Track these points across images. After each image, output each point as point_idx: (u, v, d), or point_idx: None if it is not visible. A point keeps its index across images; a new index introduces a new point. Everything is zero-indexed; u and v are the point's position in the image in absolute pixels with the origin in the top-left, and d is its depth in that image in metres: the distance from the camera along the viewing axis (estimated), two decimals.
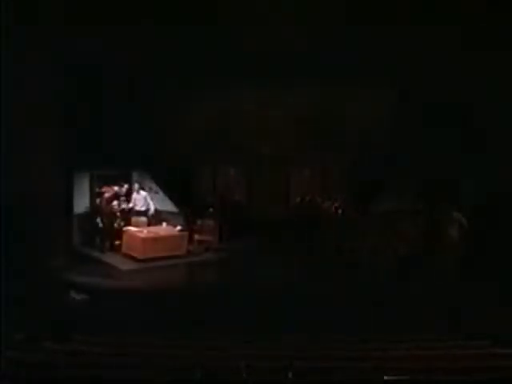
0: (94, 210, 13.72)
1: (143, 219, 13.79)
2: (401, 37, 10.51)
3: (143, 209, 13.92)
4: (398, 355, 6.63)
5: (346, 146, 13.98)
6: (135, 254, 12.77)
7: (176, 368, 6.05)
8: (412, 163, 12.60)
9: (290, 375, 5.67)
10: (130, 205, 13.93)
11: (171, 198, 14.55)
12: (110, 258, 12.96)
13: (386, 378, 5.78)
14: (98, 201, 13.82)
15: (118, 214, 13.67)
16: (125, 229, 13.37)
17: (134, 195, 14.00)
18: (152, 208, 13.97)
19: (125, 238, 13.23)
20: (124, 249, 13.16)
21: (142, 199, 13.94)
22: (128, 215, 13.84)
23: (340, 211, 14.43)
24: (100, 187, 13.90)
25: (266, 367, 5.98)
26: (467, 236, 11.79)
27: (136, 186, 14.07)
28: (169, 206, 14.57)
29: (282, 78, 12.29)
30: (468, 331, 7.78)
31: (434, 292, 10.24)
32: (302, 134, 14.08)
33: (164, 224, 13.81)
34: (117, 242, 13.44)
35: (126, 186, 14.16)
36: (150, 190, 14.16)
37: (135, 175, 14.40)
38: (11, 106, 9.46)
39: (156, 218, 14.03)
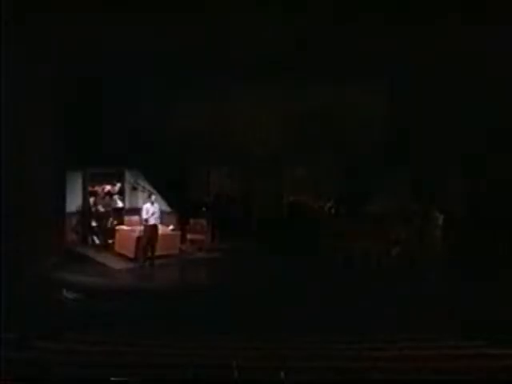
0: (87, 209, 13.61)
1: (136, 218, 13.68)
2: (398, 37, 10.50)
3: None
4: (395, 355, 6.59)
5: (342, 146, 13.98)
6: (128, 253, 12.67)
7: (167, 367, 5.98)
8: (407, 164, 12.67)
9: (282, 375, 5.62)
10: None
11: (164, 198, 14.48)
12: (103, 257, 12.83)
13: (383, 377, 5.76)
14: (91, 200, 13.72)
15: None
16: (117, 228, 13.28)
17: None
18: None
19: (118, 236, 13.14)
20: (117, 248, 13.06)
21: None
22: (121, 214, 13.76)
23: (333, 211, 14.47)
24: (93, 186, 13.82)
25: (258, 366, 5.92)
26: (462, 236, 11.82)
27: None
28: (162, 206, 14.48)
29: (280, 78, 12.31)
30: (467, 331, 7.78)
31: (432, 292, 10.26)
32: (297, 134, 14.07)
33: None
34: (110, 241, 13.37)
35: (118, 184, 14.10)
36: (143, 190, 14.09)
37: (128, 175, 14.34)
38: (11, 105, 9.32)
39: None
